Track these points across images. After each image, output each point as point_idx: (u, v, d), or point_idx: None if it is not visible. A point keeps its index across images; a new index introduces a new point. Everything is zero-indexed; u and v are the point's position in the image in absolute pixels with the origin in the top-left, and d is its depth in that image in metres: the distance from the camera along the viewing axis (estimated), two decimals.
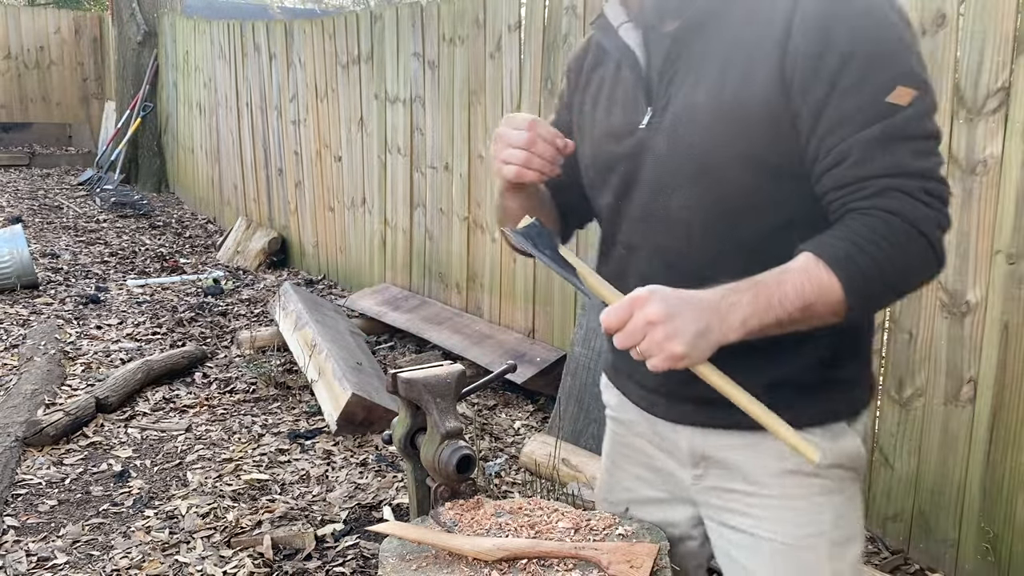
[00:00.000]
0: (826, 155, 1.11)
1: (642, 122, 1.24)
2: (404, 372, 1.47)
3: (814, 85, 1.10)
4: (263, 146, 7.03)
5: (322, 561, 2.70)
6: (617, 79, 1.32)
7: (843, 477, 1.25)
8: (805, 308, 1.07)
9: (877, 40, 1.09)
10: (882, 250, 1.06)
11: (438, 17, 4.65)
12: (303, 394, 4.06)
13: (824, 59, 1.09)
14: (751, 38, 1.15)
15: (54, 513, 3.00)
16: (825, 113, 1.10)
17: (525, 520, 1.32)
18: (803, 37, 1.10)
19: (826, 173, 1.12)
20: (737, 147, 1.15)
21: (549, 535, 1.28)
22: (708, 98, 1.17)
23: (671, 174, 1.21)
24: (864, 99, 1.08)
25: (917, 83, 1.09)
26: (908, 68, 1.09)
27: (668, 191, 1.22)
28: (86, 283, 5.99)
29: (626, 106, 1.28)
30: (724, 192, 1.18)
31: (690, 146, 1.18)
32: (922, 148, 1.10)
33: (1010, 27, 2.32)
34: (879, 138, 1.08)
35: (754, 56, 1.14)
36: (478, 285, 4.58)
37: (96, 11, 13.74)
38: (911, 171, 1.08)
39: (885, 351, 2.73)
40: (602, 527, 1.31)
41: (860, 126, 1.08)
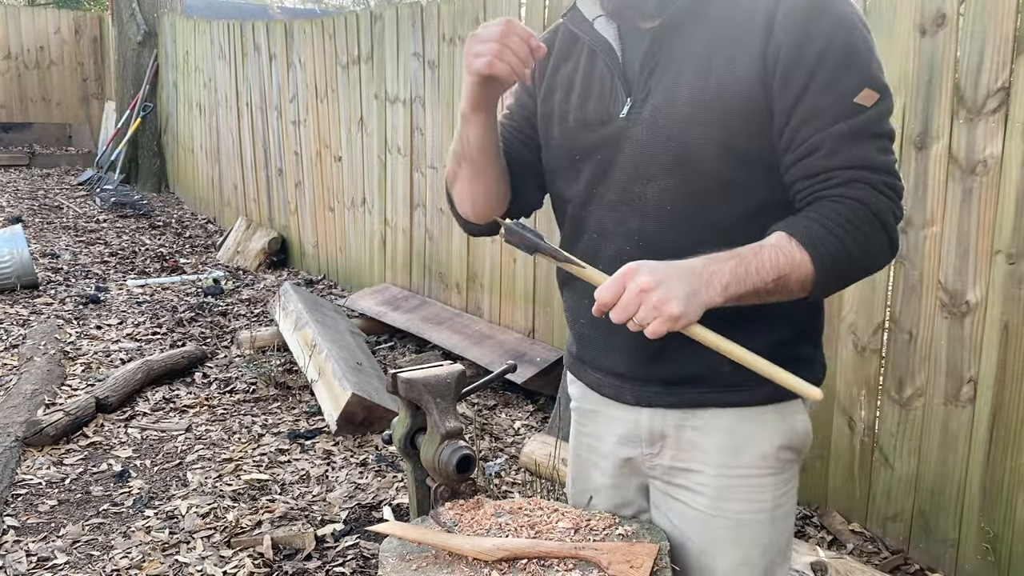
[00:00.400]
0: (798, 146, 1.20)
1: (621, 112, 1.29)
2: (404, 372, 1.47)
3: (793, 77, 1.19)
4: (263, 146, 7.03)
5: (322, 561, 2.70)
6: (591, 71, 1.35)
7: (788, 459, 1.34)
8: (779, 279, 1.16)
9: (848, 44, 1.19)
10: (848, 233, 1.17)
11: (438, 17, 4.65)
12: (303, 394, 4.06)
13: (803, 55, 1.18)
14: (732, 34, 1.22)
15: (54, 513, 3.00)
16: (800, 106, 1.19)
17: (525, 520, 1.32)
18: (785, 33, 1.18)
19: (797, 163, 1.21)
20: (716, 137, 1.22)
21: (549, 535, 1.28)
22: (690, 91, 1.23)
23: (649, 163, 1.27)
24: (835, 97, 1.18)
25: (879, 87, 1.20)
26: (873, 73, 1.20)
27: (645, 179, 1.28)
28: (86, 283, 5.99)
29: (603, 97, 1.32)
30: (700, 180, 1.24)
31: (670, 137, 1.24)
32: (883, 146, 1.21)
33: (1010, 27, 2.32)
34: (847, 134, 1.18)
35: (737, 50, 1.21)
36: (478, 285, 4.58)
37: (96, 11, 13.74)
38: (874, 165, 1.19)
39: (885, 351, 2.73)
40: (602, 527, 1.32)
41: (831, 121, 1.18)
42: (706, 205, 1.25)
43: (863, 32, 1.21)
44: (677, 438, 1.35)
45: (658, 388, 1.34)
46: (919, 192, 2.56)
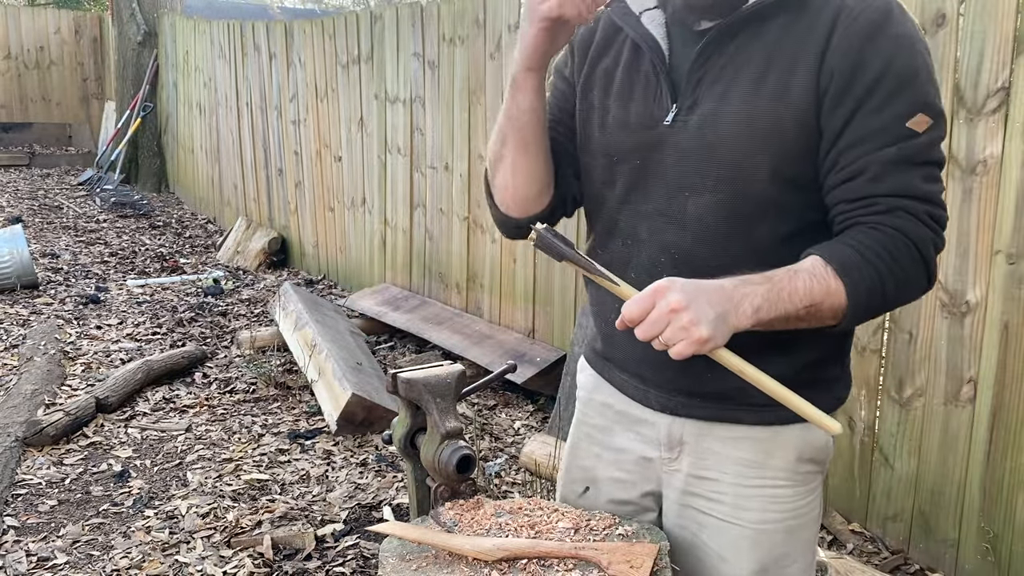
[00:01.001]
0: (843, 168, 1.16)
1: (666, 119, 1.24)
2: (404, 372, 1.47)
3: (844, 100, 1.15)
4: (263, 146, 7.03)
5: (322, 561, 2.70)
6: (635, 69, 1.29)
7: (810, 471, 1.32)
8: (811, 307, 1.13)
9: (906, 67, 1.14)
10: (885, 263, 1.13)
11: (438, 17, 4.65)
12: (303, 394, 4.06)
13: (857, 77, 1.14)
14: (789, 49, 1.17)
15: (54, 513, 3.00)
16: (849, 128, 1.15)
17: (525, 520, 1.32)
18: (842, 54, 1.14)
19: (840, 185, 1.17)
20: (764, 156, 1.18)
21: (549, 535, 1.28)
22: (740, 107, 1.18)
23: (693, 176, 1.22)
24: (886, 121, 1.14)
25: (934, 113, 1.16)
26: (928, 98, 1.16)
27: (687, 192, 1.23)
28: (86, 283, 5.99)
29: (647, 99, 1.27)
30: (744, 199, 1.20)
31: (717, 152, 1.20)
32: (930, 174, 1.17)
33: (1010, 27, 2.32)
34: (895, 160, 1.14)
35: (792, 68, 1.16)
36: (478, 285, 4.58)
37: (96, 11, 13.74)
38: (919, 194, 1.16)
39: (885, 351, 2.73)
40: (602, 527, 1.31)
41: (879, 145, 1.14)
42: (747, 224, 1.21)
43: (923, 54, 1.16)
44: (696, 446, 1.33)
45: (684, 399, 1.32)
46: None
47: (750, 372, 1.13)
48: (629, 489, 1.43)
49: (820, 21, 1.16)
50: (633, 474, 1.42)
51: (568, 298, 3.90)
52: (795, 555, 1.34)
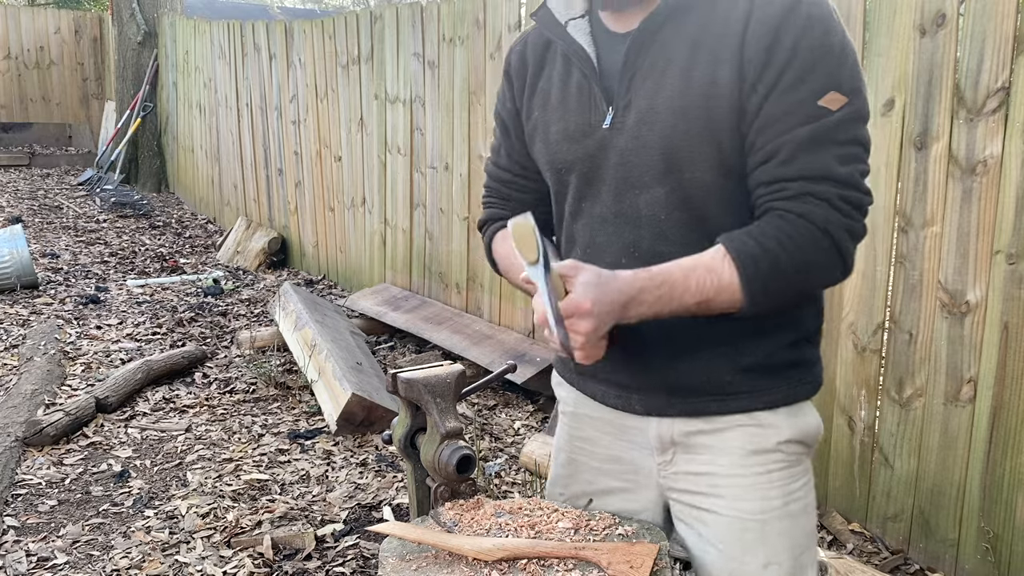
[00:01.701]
0: (758, 150, 1.18)
1: (603, 122, 1.26)
2: (404, 372, 1.47)
3: (760, 82, 1.16)
4: (263, 146, 7.03)
5: (322, 561, 2.70)
6: (567, 80, 1.32)
7: (800, 452, 1.33)
8: (702, 303, 1.17)
9: (817, 45, 1.14)
10: (786, 252, 1.15)
11: (438, 17, 4.65)
12: (303, 394, 4.06)
13: (770, 59, 1.15)
14: (711, 39, 1.19)
15: (54, 513, 3.00)
16: (763, 109, 1.16)
17: (525, 520, 1.32)
18: (757, 38, 1.16)
19: (756, 168, 1.19)
20: (702, 147, 1.19)
21: (549, 535, 1.28)
22: (672, 98, 1.20)
23: (638, 173, 1.24)
24: (798, 100, 1.14)
25: (848, 90, 1.15)
26: (843, 76, 1.15)
27: (636, 190, 1.25)
28: (86, 283, 5.99)
29: (582, 107, 1.29)
30: (691, 189, 1.22)
31: (655, 145, 1.22)
32: (848, 154, 1.16)
33: (1010, 27, 2.32)
34: (806, 140, 1.14)
35: (716, 57, 1.18)
36: (478, 285, 4.58)
37: (96, 11, 13.74)
38: (832, 176, 1.15)
39: (885, 351, 2.73)
40: (602, 527, 1.31)
41: (791, 126, 1.15)
42: (700, 214, 1.23)
43: (839, 34, 1.17)
44: (686, 444, 1.33)
45: (665, 397, 1.32)
46: (919, 192, 2.56)
47: None
48: (632, 498, 1.42)
49: (737, 8, 1.18)
50: (633, 481, 1.42)
51: None
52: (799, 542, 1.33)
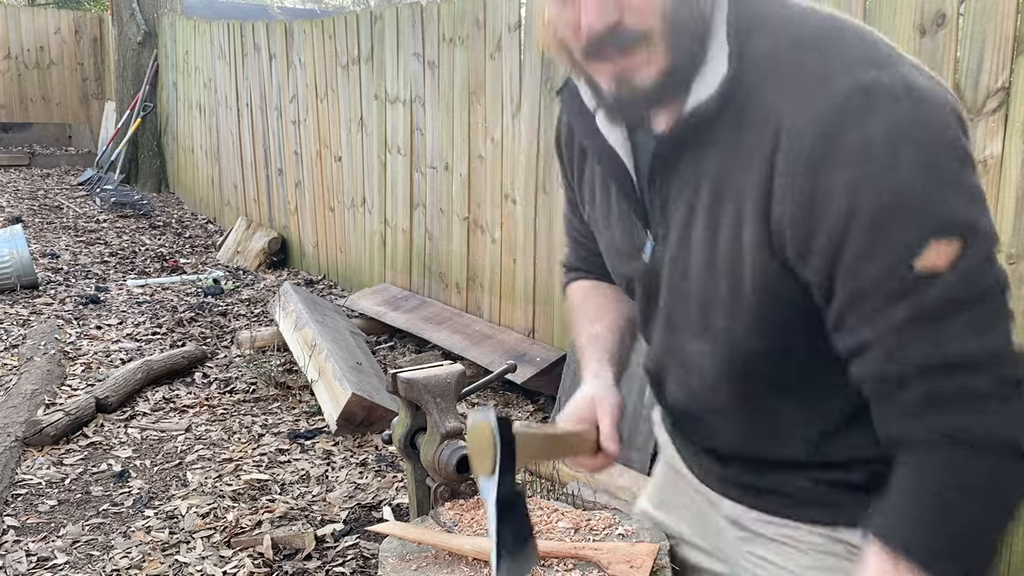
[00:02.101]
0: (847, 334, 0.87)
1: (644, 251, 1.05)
2: (404, 372, 1.47)
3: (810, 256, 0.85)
4: (263, 146, 7.03)
5: (322, 561, 2.70)
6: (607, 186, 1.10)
7: None
8: None
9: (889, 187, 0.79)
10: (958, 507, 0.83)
11: (438, 17, 4.65)
12: (303, 394, 4.06)
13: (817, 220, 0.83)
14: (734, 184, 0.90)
15: (54, 513, 3.00)
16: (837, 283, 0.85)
17: None
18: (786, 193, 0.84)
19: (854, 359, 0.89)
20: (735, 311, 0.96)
21: (549, 535, 1.28)
22: (700, 249, 0.96)
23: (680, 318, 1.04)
24: (881, 270, 0.81)
25: (960, 230, 0.79)
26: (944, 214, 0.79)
27: (682, 334, 1.06)
28: (86, 283, 5.99)
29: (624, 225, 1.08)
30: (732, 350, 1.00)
31: (693, 296, 1.00)
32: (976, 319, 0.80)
33: (1010, 27, 2.32)
34: (908, 321, 0.81)
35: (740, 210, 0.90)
36: (478, 285, 4.58)
37: (96, 11, 13.74)
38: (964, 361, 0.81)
39: None
40: (602, 527, 1.31)
41: (882, 305, 0.82)
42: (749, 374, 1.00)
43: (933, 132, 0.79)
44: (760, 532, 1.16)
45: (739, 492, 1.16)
46: None
47: None
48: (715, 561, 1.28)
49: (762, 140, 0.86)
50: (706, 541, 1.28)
51: None
52: None
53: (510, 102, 4.15)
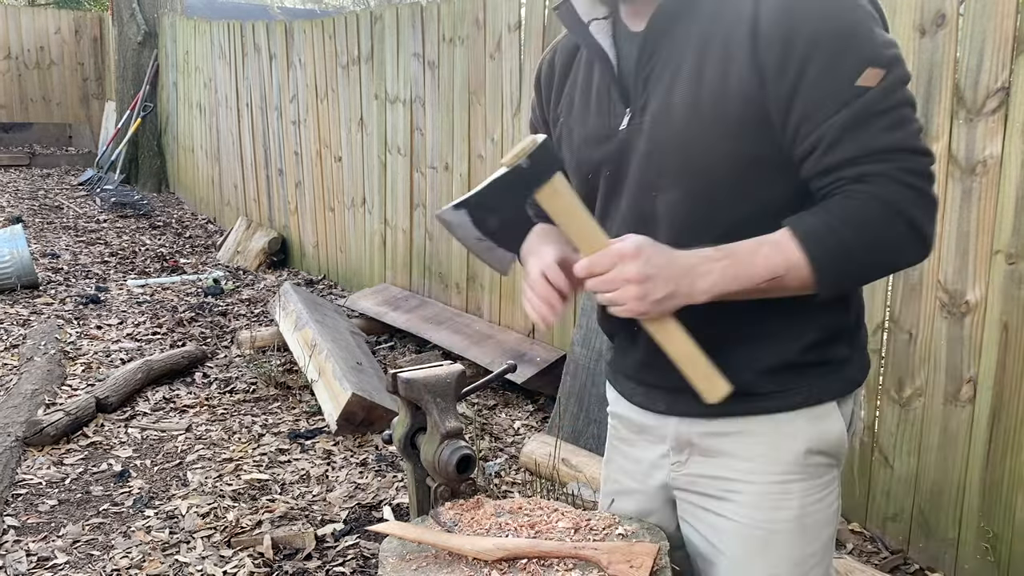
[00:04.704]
0: (800, 143, 1.14)
1: (621, 124, 1.25)
2: (404, 372, 1.47)
3: (784, 74, 1.12)
4: (263, 146, 7.03)
5: (322, 561, 2.70)
6: (589, 83, 1.32)
7: (822, 463, 1.29)
8: (772, 280, 1.13)
9: (840, 25, 1.10)
10: (852, 230, 1.11)
11: (438, 17, 4.65)
12: (303, 394, 4.06)
13: (791, 48, 1.11)
14: (721, 33, 1.16)
15: (54, 513, 3.00)
16: (796, 101, 1.12)
17: (525, 520, 1.33)
18: (771, 27, 1.12)
19: (804, 160, 1.15)
20: (719, 144, 1.17)
21: (549, 535, 1.28)
22: (684, 97, 1.18)
23: (655, 174, 1.23)
24: (833, 87, 1.10)
25: (885, 62, 1.11)
26: (875, 50, 1.11)
27: (653, 192, 1.24)
28: (86, 283, 5.99)
29: (601, 110, 1.29)
30: (708, 189, 1.20)
31: (670, 147, 1.20)
32: (895, 120, 1.11)
33: (1010, 27, 2.32)
34: (847, 123, 1.10)
35: (728, 51, 1.15)
36: (478, 285, 4.58)
37: (96, 11, 13.74)
38: (884, 149, 1.10)
39: (885, 351, 2.73)
40: (602, 527, 1.32)
41: (830, 112, 1.11)
42: (718, 212, 1.21)
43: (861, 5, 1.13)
44: (704, 447, 1.31)
45: (687, 396, 1.27)
46: None
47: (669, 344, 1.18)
48: (644, 499, 1.43)
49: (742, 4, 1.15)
50: (644, 483, 1.42)
51: (568, 298, 3.89)
52: (809, 556, 1.30)
53: (510, 102, 4.16)
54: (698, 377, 1.18)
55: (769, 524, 1.28)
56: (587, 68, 1.33)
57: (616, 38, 1.27)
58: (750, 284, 1.14)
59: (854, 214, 1.11)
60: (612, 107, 1.27)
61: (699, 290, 1.13)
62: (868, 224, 1.11)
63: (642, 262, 1.11)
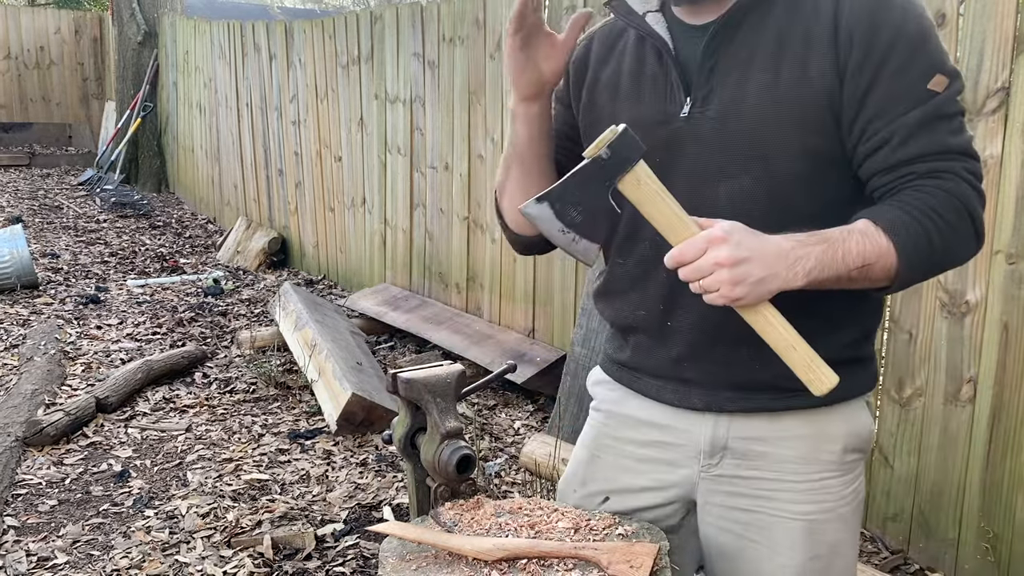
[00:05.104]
0: (870, 138, 1.18)
1: (682, 112, 1.26)
2: (404, 372, 1.47)
3: (863, 70, 1.17)
4: (263, 146, 7.03)
5: (322, 561, 2.70)
6: (640, 72, 1.33)
7: (854, 459, 1.34)
8: (864, 267, 1.14)
9: (916, 31, 1.18)
10: (932, 220, 1.14)
11: (438, 17, 4.65)
12: (303, 394, 4.06)
13: (872, 47, 1.17)
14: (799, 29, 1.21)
15: (54, 513, 3.00)
16: (871, 97, 1.17)
17: (525, 520, 1.32)
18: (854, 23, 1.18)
19: (871, 155, 1.19)
20: (791, 136, 1.20)
21: (549, 535, 1.28)
22: (760, 89, 1.21)
23: (720, 164, 1.24)
24: (906, 85, 1.17)
25: (949, 71, 1.18)
26: (941, 58, 1.19)
27: (715, 181, 1.25)
28: (86, 283, 5.99)
29: (656, 97, 1.30)
30: (775, 179, 1.23)
31: (743, 136, 1.22)
32: (956, 126, 1.19)
33: (1010, 27, 2.32)
34: (920, 122, 1.16)
35: (807, 47, 1.20)
36: (478, 285, 4.58)
37: (96, 11, 13.74)
38: (952, 150, 1.17)
39: (885, 351, 2.73)
40: (602, 527, 1.31)
41: (903, 111, 1.17)
42: (781, 203, 1.23)
43: (928, 19, 1.21)
44: (742, 450, 1.32)
45: (730, 393, 1.31)
46: None
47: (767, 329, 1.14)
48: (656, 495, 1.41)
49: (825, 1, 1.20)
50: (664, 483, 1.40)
51: (568, 298, 3.90)
52: (846, 543, 1.35)
53: None
54: (802, 366, 1.15)
55: (807, 516, 1.31)
56: (636, 55, 1.34)
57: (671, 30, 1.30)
58: (844, 270, 1.13)
59: (932, 206, 1.15)
60: (670, 94, 1.28)
61: (797, 273, 1.11)
62: (944, 217, 1.15)
63: (733, 245, 1.09)
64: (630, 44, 1.35)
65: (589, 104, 1.40)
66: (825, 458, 1.30)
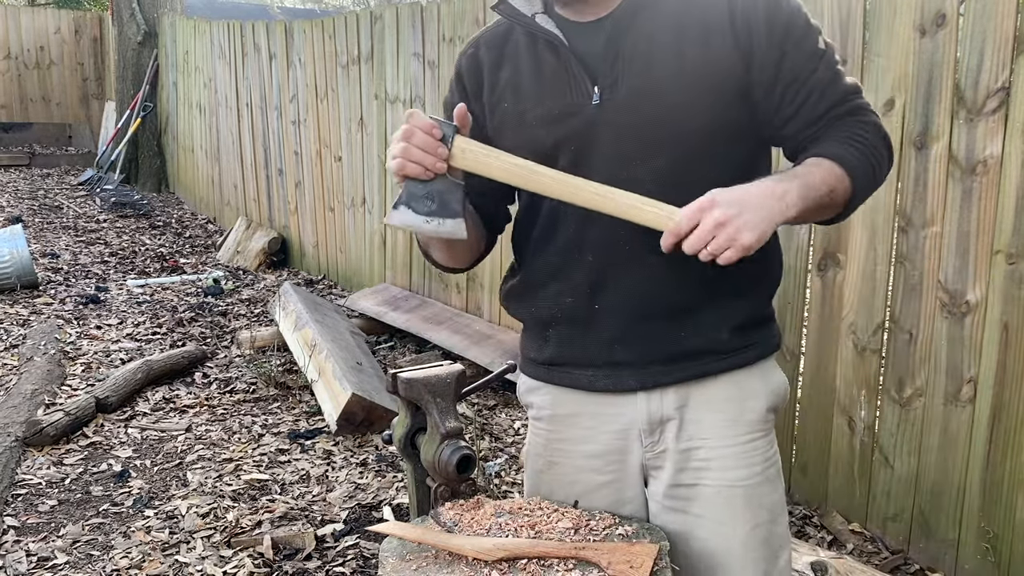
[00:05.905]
0: (792, 99, 1.31)
1: (591, 101, 1.31)
2: (404, 372, 1.47)
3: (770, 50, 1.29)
4: (263, 146, 7.03)
5: (322, 561, 2.70)
6: (538, 70, 1.37)
7: (773, 419, 1.44)
8: (831, 192, 1.26)
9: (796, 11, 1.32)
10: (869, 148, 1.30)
11: (438, 17, 4.65)
12: (303, 394, 4.06)
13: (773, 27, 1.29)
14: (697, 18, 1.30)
15: (54, 513, 3.00)
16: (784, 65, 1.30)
17: (525, 520, 1.33)
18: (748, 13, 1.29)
19: (796, 114, 1.31)
20: (703, 114, 1.29)
21: (549, 535, 1.28)
22: (667, 72, 1.29)
23: (637, 146, 1.31)
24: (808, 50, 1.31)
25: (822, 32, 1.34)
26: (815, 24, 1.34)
27: (635, 162, 1.31)
28: (86, 283, 6.00)
29: (560, 90, 1.34)
30: (692, 156, 1.31)
31: (656, 118, 1.30)
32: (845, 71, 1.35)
33: (1010, 27, 2.32)
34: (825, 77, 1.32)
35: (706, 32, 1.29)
36: (478, 285, 4.58)
37: (96, 11, 13.74)
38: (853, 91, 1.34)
39: (885, 351, 2.73)
40: (602, 527, 1.32)
41: (812, 69, 1.31)
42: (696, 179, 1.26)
43: None
44: (677, 418, 1.38)
45: (660, 367, 1.36)
46: (919, 192, 2.56)
47: None
48: (620, 488, 1.44)
49: None
50: (619, 471, 1.43)
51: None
52: (779, 506, 1.43)
53: None
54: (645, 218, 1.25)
55: (744, 481, 1.38)
56: (531, 54, 1.38)
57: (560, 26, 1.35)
58: (818, 197, 1.24)
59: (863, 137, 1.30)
60: (575, 86, 1.33)
61: (789, 203, 1.20)
62: (873, 143, 1.30)
63: (724, 204, 1.16)
64: (522, 45, 1.39)
65: (492, 111, 1.41)
66: (750, 417, 1.38)
